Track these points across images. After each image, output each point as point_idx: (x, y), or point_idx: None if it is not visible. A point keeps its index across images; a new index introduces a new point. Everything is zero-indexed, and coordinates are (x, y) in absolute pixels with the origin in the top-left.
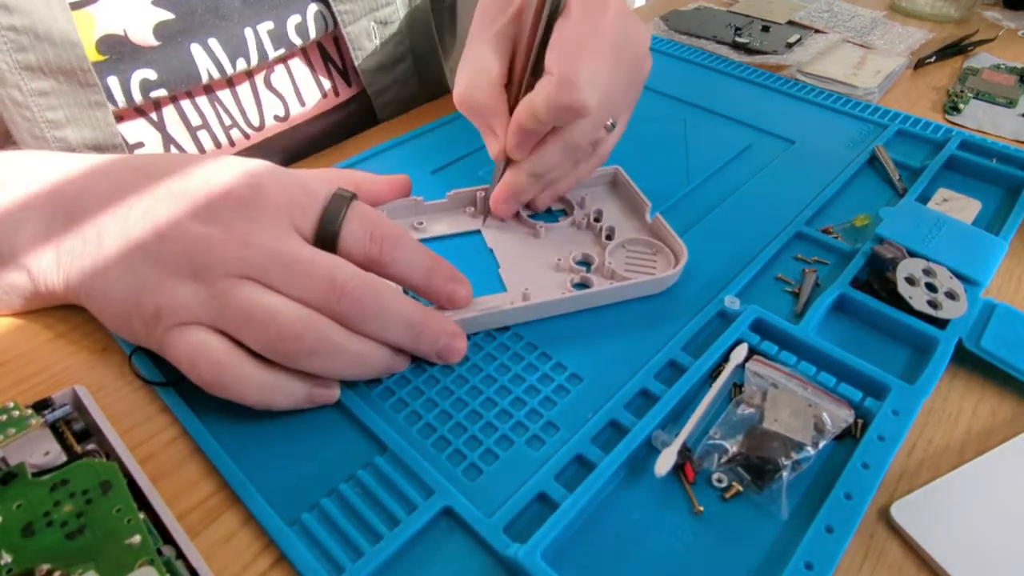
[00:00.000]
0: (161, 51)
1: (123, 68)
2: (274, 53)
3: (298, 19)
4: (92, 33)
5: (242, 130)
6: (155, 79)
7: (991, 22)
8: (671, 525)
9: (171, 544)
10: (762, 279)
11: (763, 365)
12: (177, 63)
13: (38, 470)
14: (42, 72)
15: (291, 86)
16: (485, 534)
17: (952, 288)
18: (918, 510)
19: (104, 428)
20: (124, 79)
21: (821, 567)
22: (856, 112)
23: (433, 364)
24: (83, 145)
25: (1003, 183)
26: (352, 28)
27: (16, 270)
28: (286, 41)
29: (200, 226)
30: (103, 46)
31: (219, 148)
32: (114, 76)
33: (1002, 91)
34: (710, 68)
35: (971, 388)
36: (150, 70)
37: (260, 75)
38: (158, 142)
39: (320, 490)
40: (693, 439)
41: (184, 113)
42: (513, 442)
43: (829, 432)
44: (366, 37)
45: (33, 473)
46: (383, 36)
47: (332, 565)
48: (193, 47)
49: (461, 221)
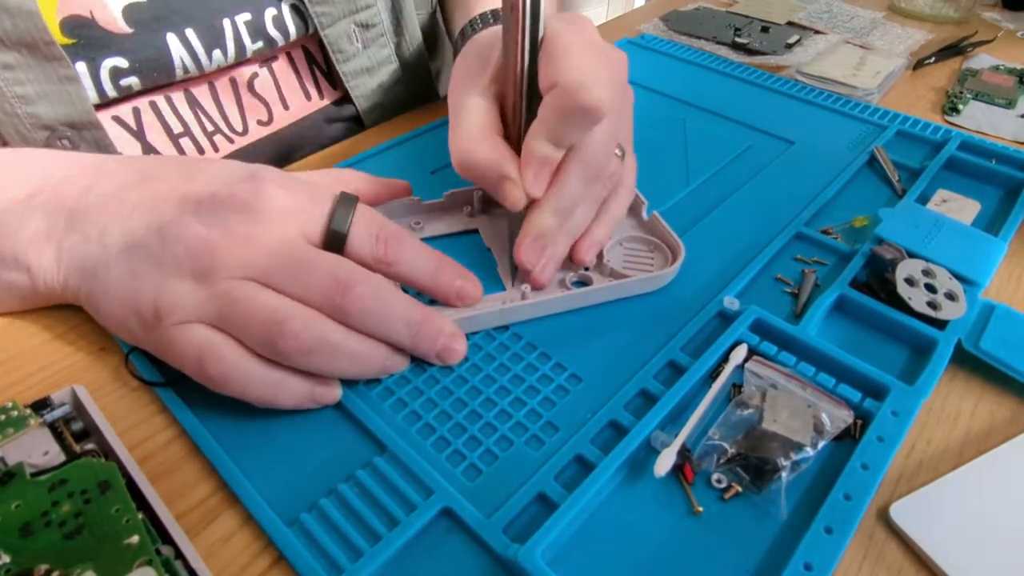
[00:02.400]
0: (134, 39)
1: (92, 55)
2: (252, 47)
3: (274, 12)
4: (54, 11)
5: (225, 135)
6: (126, 67)
7: (990, 23)
8: (670, 525)
9: (170, 544)
10: (762, 280)
11: (762, 366)
12: (151, 52)
13: (37, 470)
14: (2, 44)
15: (275, 90)
16: (484, 534)
17: (951, 289)
18: (917, 511)
19: (103, 428)
20: (93, 66)
21: (820, 568)
22: (855, 113)
23: (432, 364)
24: (58, 123)
25: (1002, 184)
26: (331, 31)
27: (16, 269)
28: (264, 34)
29: (203, 228)
30: (68, 27)
31: (202, 155)
32: (83, 62)
33: (1001, 92)
34: (710, 68)
35: (970, 389)
36: (121, 58)
37: (243, 80)
38: (138, 152)
39: (319, 490)
40: (692, 439)
41: (165, 120)
42: (512, 442)
43: (828, 433)
44: (347, 40)
45: (32, 473)
46: (365, 39)
47: (331, 565)
48: (168, 36)
49: (459, 220)
